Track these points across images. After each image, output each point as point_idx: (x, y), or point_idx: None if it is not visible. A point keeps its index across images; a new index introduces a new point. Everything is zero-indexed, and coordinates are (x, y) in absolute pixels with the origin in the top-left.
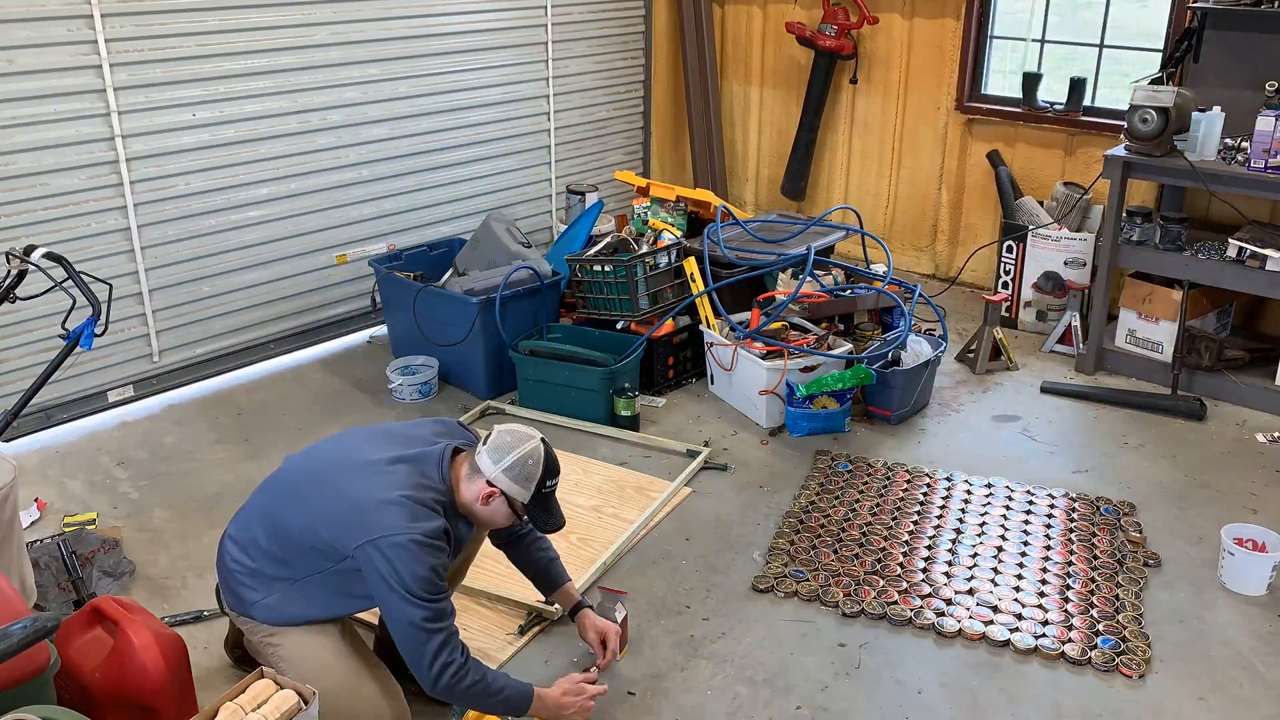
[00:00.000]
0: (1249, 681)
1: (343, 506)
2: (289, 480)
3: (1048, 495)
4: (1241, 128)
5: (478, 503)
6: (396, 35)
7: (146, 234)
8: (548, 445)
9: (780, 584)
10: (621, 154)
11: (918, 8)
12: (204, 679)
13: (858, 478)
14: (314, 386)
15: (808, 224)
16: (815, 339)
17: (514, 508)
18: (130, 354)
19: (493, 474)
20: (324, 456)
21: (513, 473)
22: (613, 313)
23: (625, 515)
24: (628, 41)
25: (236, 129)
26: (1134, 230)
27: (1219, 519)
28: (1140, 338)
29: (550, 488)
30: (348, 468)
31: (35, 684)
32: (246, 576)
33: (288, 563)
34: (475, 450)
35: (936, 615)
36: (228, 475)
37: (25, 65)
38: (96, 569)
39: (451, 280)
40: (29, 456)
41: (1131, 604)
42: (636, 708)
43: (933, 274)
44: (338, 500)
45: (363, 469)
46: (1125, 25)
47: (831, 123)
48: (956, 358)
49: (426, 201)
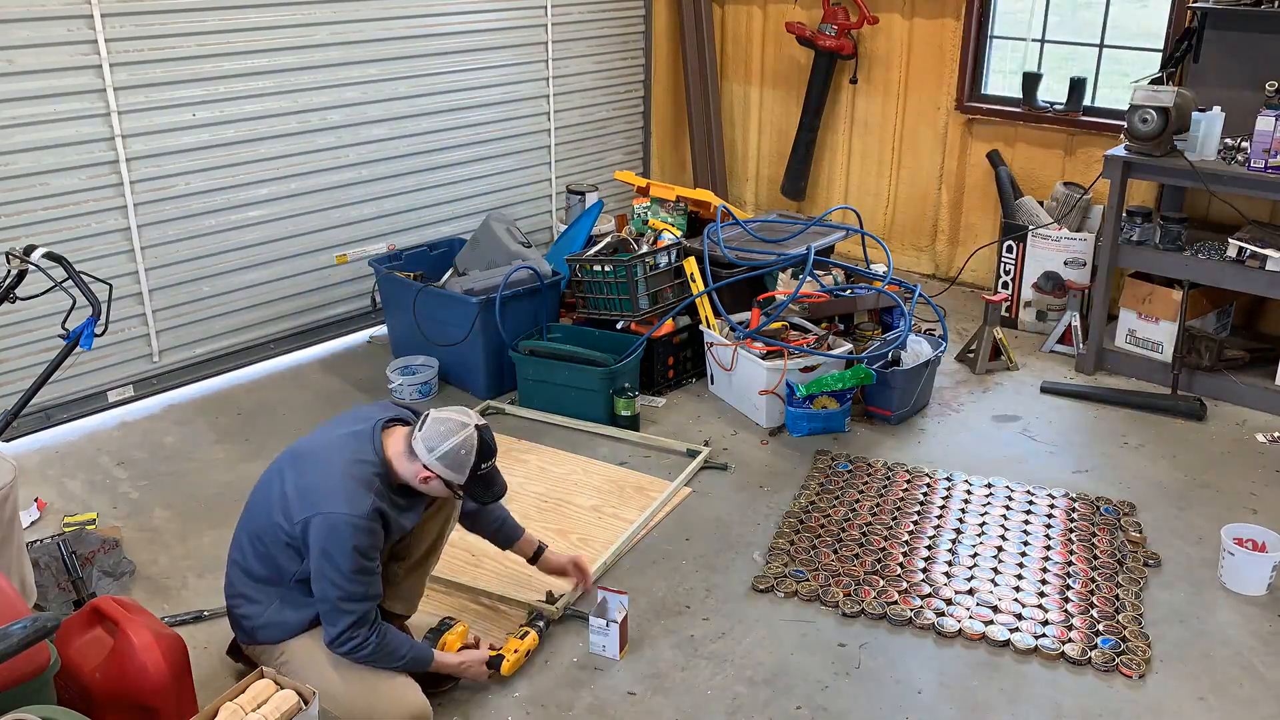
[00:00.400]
0: (1249, 681)
1: (289, 489)
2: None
3: (1048, 495)
4: (1241, 128)
5: (416, 480)
6: (396, 35)
7: (146, 234)
8: (483, 430)
9: (780, 584)
10: (621, 154)
11: (918, 8)
12: (204, 679)
13: (858, 478)
14: (314, 386)
15: (808, 224)
16: (815, 339)
17: (450, 488)
18: (130, 354)
19: (427, 460)
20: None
21: (446, 460)
22: (613, 313)
23: (625, 515)
24: (628, 41)
25: (236, 129)
26: (1134, 230)
27: (1219, 519)
28: (1140, 338)
29: (485, 469)
30: (293, 458)
31: (35, 684)
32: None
33: (273, 567)
34: (413, 430)
35: (936, 615)
36: (228, 475)
37: (25, 65)
38: (96, 569)
39: (451, 280)
40: (29, 456)
41: (1131, 604)
42: (636, 708)
43: (933, 274)
44: (286, 485)
45: (305, 454)
46: (1125, 25)
47: (831, 123)
48: (956, 358)
49: (426, 201)
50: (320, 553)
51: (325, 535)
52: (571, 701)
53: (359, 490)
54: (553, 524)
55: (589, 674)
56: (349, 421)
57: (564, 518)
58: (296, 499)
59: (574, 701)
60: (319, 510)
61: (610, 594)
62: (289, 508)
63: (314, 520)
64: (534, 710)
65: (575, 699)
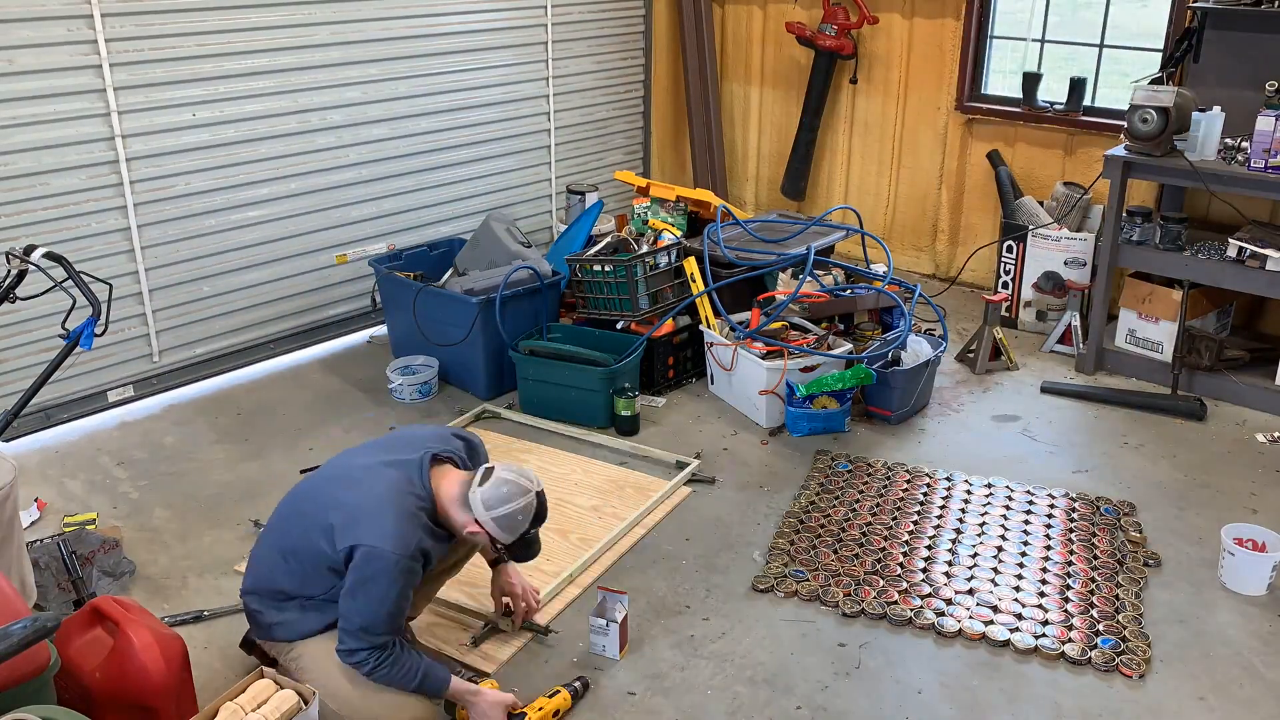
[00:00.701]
0: (1249, 681)
1: (335, 518)
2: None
3: (1048, 495)
4: (1241, 128)
5: (463, 530)
6: (396, 35)
7: (146, 234)
8: (541, 498)
9: (780, 584)
10: (621, 154)
11: (918, 8)
12: (204, 679)
13: (858, 478)
14: (314, 386)
15: (808, 224)
16: (815, 339)
17: (494, 545)
18: (130, 354)
19: (482, 517)
20: (319, 475)
21: (501, 523)
22: (613, 313)
23: (625, 515)
24: (628, 41)
25: (236, 129)
26: (1134, 230)
27: (1219, 519)
28: (1140, 338)
29: (533, 533)
30: (338, 480)
31: (35, 684)
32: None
33: (304, 583)
34: (470, 480)
35: (936, 615)
36: (228, 475)
37: (25, 65)
38: (96, 569)
39: (451, 280)
40: (29, 456)
41: (1131, 604)
42: (636, 708)
43: (933, 274)
44: (330, 512)
45: (351, 479)
46: (1125, 25)
47: (831, 123)
48: (956, 358)
49: (426, 201)
50: (359, 581)
51: (367, 567)
52: None
53: (408, 526)
54: (553, 524)
55: (589, 674)
56: (398, 446)
57: (564, 518)
58: (342, 525)
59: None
60: (365, 542)
61: (610, 594)
62: (333, 534)
63: (360, 550)
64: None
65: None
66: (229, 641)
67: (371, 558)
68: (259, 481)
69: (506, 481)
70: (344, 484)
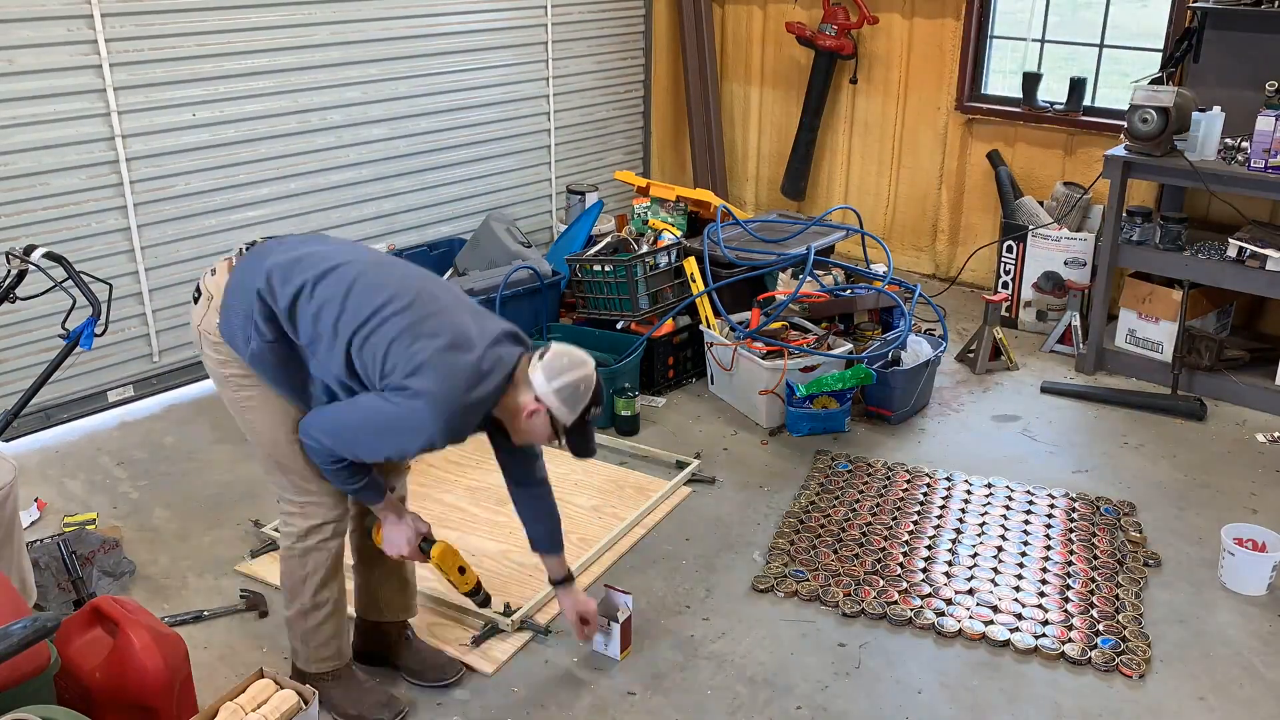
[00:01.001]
0: (1249, 681)
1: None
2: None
3: (1048, 495)
4: (1241, 128)
5: (520, 416)
6: (396, 35)
7: (146, 234)
8: (599, 375)
9: (780, 584)
10: (621, 154)
11: (918, 8)
12: (204, 679)
13: (858, 478)
14: None
15: (808, 224)
16: (815, 339)
17: (555, 428)
18: (130, 354)
19: (543, 391)
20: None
21: (563, 394)
22: (613, 313)
23: (625, 515)
24: (628, 41)
25: (236, 129)
26: (1134, 230)
27: (1219, 519)
28: (1140, 338)
29: (593, 417)
30: (462, 298)
31: (35, 684)
32: (265, 323)
33: (319, 334)
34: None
35: (936, 615)
36: (228, 475)
37: (25, 65)
38: (96, 569)
39: (451, 280)
40: (29, 456)
41: (1131, 604)
42: (636, 708)
43: (933, 274)
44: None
45: (475, 308)
46: (1125, 25)
47: (831, 123)
48: (956, 358)
49: (426, 201)
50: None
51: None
52: (571, 701)
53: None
54: None
55: (589, 674)
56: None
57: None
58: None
59: (574, 701)
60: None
61: (616, 593)
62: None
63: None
64: (534, 710)
65: (575, 699)
66: (229, 641)
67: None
68: (259, 481)
69: (564, 353)
70: (472, 311)
